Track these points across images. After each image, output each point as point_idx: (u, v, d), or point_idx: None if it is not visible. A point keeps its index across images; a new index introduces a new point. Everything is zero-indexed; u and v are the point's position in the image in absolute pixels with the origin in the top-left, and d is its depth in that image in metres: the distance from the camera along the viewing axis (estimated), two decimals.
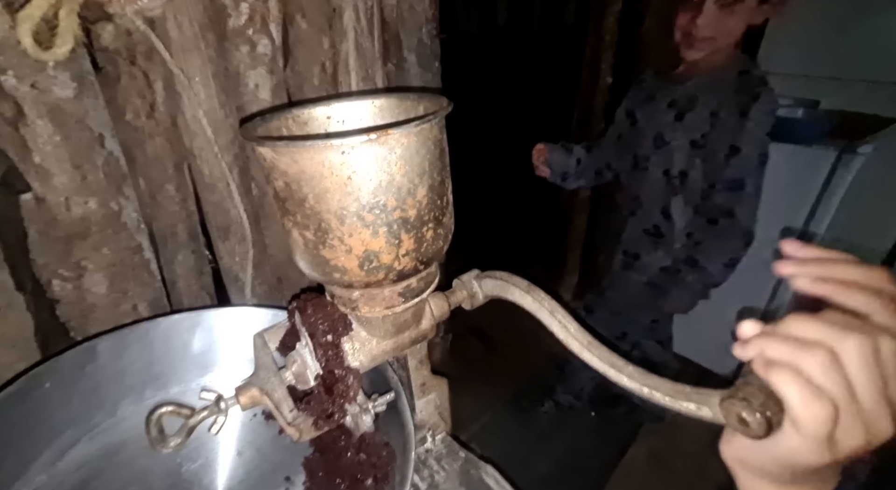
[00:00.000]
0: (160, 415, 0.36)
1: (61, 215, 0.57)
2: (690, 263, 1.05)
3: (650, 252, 1.15)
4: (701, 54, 0.94)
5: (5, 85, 0.49)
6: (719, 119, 0.93)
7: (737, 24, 0.90)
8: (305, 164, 0.31)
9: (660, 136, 1.03)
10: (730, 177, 0.94)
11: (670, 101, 1.02)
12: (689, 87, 0.99)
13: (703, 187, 0.99)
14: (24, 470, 0.41)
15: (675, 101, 1.01)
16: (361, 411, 0.40)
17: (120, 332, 0.50)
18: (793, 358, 0.24)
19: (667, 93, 1.03)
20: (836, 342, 0.23)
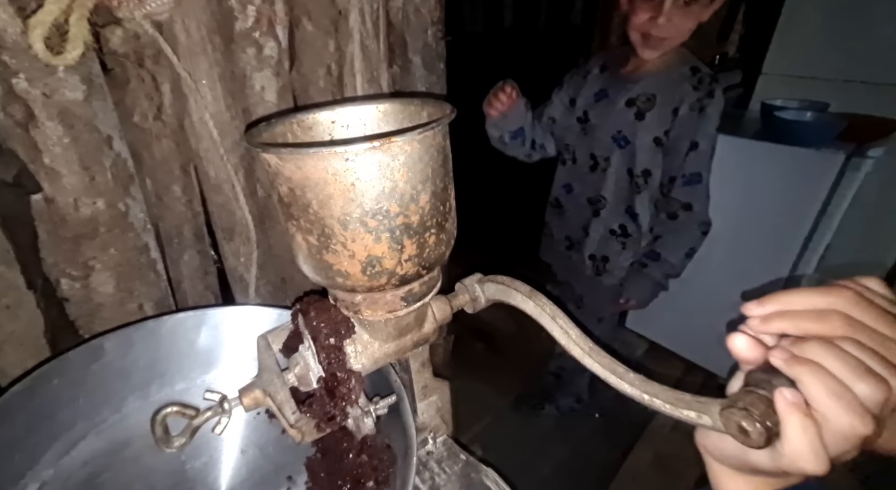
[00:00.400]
0: (165, 415, 0.37)
1: (70, 215, 0.58)
2: (653, 257, 1.09)
3: (619, 253, 1.14)
4: (657, 54, 0.96)
5: (17, 88, 0.50)
6: (679, 116, 0.96)
7: (692, 23, 0.92)
8: (309, 171, 0.31)
9: (621, 135, 1.03)
10: (689, 171, 0.99)
11: (628, 100, 1.02)
12: (645, 85, 1.00)
13: (663, 183, 1.03)
14: (33, 464, 0.42)
15: (634, 101, 1.01)
16: (363, 414, 0.40)
17: (126, 330, 0.51)
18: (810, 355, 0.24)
19: (621, 91, 1.03)
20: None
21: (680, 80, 0.97)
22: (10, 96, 0.50)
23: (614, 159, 1.06)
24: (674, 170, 1.00)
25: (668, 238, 1.06)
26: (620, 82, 1.04)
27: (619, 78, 1.05)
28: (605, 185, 1.09)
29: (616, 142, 1.04)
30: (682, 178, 0.99)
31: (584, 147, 1.11)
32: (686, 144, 0.97)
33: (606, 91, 1.06)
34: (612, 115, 1.04)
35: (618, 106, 1.03)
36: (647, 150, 1.01)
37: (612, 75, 1.07)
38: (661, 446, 1.45)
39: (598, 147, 1.08)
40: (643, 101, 1.00)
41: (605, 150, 1.07)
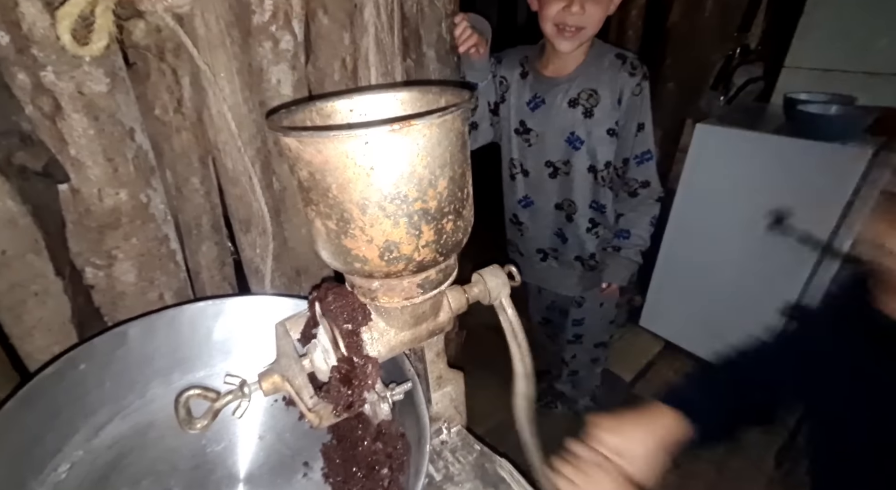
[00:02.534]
0: (188, 397, 0.38)
1: (94, 206, 0.59)
2: (623, 236, 1.11)
3: (597, 243, 1.15)
4: (575, 45, 0.95)
5: (45, 81, 0.52)
6: (624, 104, 0.98)
7: (602, 13, 0.93)
8: (329, 154, 0.31)
9: (574, 136, 1.02)
10: (640, 151, 1.03)
11: (570, 101, 1.00)
12: (581, 82, 0.99)
13: (616, 166, 1.05)
14: (63, 445, 0.44)
15: (576, 100, 1.00)
16: (379, 399, 0.40)
17: (149, 318, 0.52)
18: None
19: (557, 94, 1.01)
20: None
21: (614, 70, 0.98)
22: (38, 89, 0.51)
23: (575, 161, 1.04)
24: (626, 152, 1.03)
25: (632, 215, 1.09)
26: (552, 85, 1.02)
27: (548, 80, 1.02)
28: (572, 187, 1.08)
29: (570, 143, 1.03)
30: (636, 158, 1.03)
31: (534, 158, 1.09)
32: (634, 126, 1.00)
33: (541, 96, 1.03)
34: (556, 119, 1.02)
35: (560, 108, 1.01)
36: (604, 143, 1.02)
37: (537, 78, 1.04)
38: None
39: (551, 153, 1.06)
40: (586, 98, 0.99)
41: (561, 154, 1.05)
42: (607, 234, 1.14)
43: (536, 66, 1.04)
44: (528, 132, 1.07)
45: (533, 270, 1.25)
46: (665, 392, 0.56)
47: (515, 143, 1.10)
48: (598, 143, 1.02)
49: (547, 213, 1.14)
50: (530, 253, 1.23)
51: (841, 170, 1.25)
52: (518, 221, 1.20)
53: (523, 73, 1.05)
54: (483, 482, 0.50)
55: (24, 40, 0.49)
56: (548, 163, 1.07)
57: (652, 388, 1.64)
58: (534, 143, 1.07)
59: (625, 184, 1.07)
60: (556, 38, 0.95)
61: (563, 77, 1.00)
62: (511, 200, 1.19)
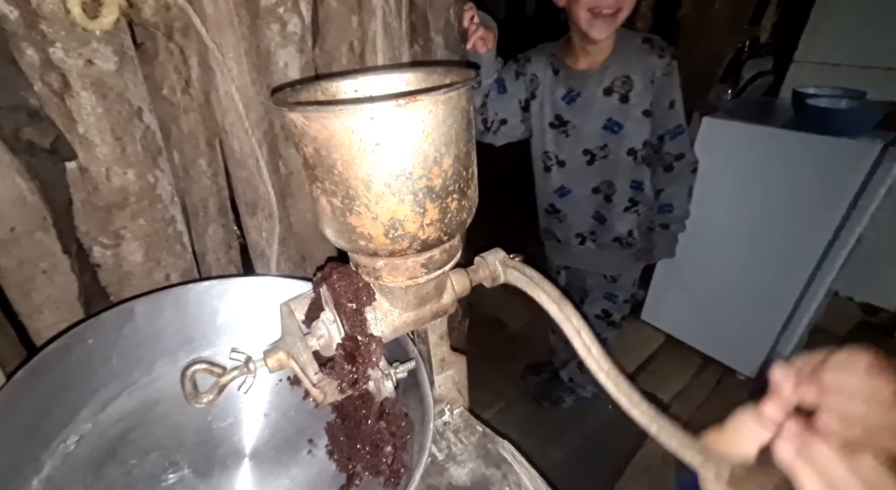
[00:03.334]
0: (194, 371, 0.38)
1: (102, 185, 0.60)
2: (667, 210, 1.14)
3: (637, 222, 1.18)
4: (610, 30, 0.96)
5: (53, 57, 0.52)
6: (656, 85, 1.01)
7: None
8: (335, 130, 0.31)
9: (612, 122, 1.05)
10: (672, 126, 1.05)
11: (604, 90, 1.03)
12: (614, 70, 1.01)
13: (652, 143, 1.08)
14: (72, 418, 0.45)
15: (610, 88, 1.03)
16: (384, 376, 0.41)
17: (155, 295, 0.52)
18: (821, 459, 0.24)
19: (591, 85, 1.03)
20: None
21: (643, 54, 1.00)
22: (47, 65, 0.52)
23: (612, 145, 1.08)
24: (660, 129, 1.06)
25: (671, 189, 1.12)
26: (585, 78, 1.04)
27: (580, 74, 1.04)
28: (611, 171, 1.11)
29: (609, 129, 1.06)
30: (669, 133, 1.06)
31: (570, 148, 1.11)
32: (666, 104, 1.03)
33: (576, 90, 1.06)
34: (594, 110, 1.05)
35: (596, 99, 1.04)
36: (640, 124, 1.05)
37: (569, 74, 1.06)
38: None
39: (588, 141, 1.09)
40: (620, 85, 1.02)
41: (599, 140, 1.08)
42: (646, 210, 1.16)
43: (566, 63, 1.06)
44: (564, 125, 1.10)
45: (570, 254, 1.28)
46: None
47: (550, 136, 1.12)
48: (635, 125, 1.05)
49: (584, 198, 1.16)
50: (568, 238, 1.25)
51: (849, 164, 1.24)
52: (555, 210, 1.22)
53: (554, 70, 1.08)
54: (485, 462, 0.50)
55: (33, 15, 0.49)
56: (585, 151, 1.10)
57: (653, 381, 1.65)
58: (571, 134, 1.10)
59: (660, 159, 1.09)
60: (590, 25, 0.95)
61: (595, 69, 1.03)
62: (546, 191, 1.21)
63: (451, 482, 0.50)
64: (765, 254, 1.43)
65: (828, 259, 1.36)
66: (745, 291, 1.51)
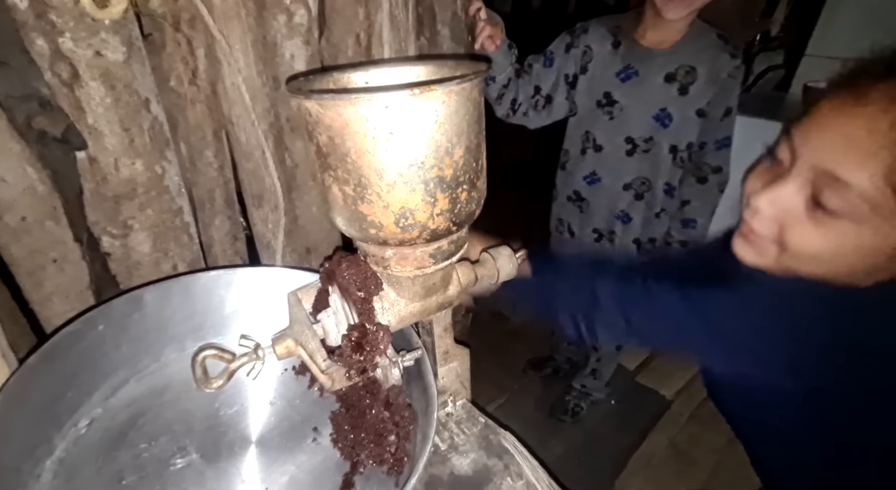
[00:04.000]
0: (205, 357, 0.39)
1: (111, 175, 0.60)
2: (690, 226, 1.08)
3: (662, 228, 1.11)
4: (686, 11, 0.90)
5: (63, 47, 0.52)
6: (720, 85, 0.95)
7: None
8: (349, 118, 0.31)
9: (665, 113, 0.98)
10: (722, 136, 0.99)
11: (666, 75, 0.95)
12: (681, 57, 0.94)
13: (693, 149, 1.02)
14: (83, 402, 0.46)
15: (673, 75, 0.95)
16: (391, 364, 0.41)
17: (164, 284, 0.53)
18: None
19: (653, 66, 0.96)
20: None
21: (716, 49, 0.93)
22: (56, 55, 0.52)
23: (659, 139, 1.00)
24: (707, 135, 0.99)
25: (698, 204, 1.05)
26: (648, 56, 0.96)
27: (644, 51, 0.97)
28: (650, 168, 1.03)
29: (659, 120, 0.98)
30: (716, 143, 0.99)
31: (613, 132, 1.03)
32: (722, 110, 0.97)
33: (634, 68, 0.97)
34: (648, 93, 0.97)
35: (654, 83, 0.96)
36: (691, 123, 0.98)
37: (631, 49, 0.98)
38: (676, 434, 1.44)
39: (634, 129, 1.01)
40: (683, 75, 0.94)
41: (645, 130, 1.00)
42: (668, 219, 1.10)
43: (632, 36, 0.98)
44: (612, 105, 1.01)
45: (582, 251, 1.21)
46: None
47: (597, 116, 1.04)
48: (685, 123, 0.98)
49: (614, 192, 1.09)
50: (584, 233, 1.17)
51: None
52: (579, 198, 1.14)
53: (615, 42, 1.00)
54: (487, 452, 0.51)
55: (42, 5, 0.49)
56: (628, 139, 1.02)
57: (655, 378, 1.65)
58: (616, 117, 1.02)
59: (696, 168, 1.03)
60: (665, 3, 0.89)
61: (663, 49, 0.96)
62: (574, 176, 1.13)
63: (453, 471, 0.50)
64: None
65: None
66: None
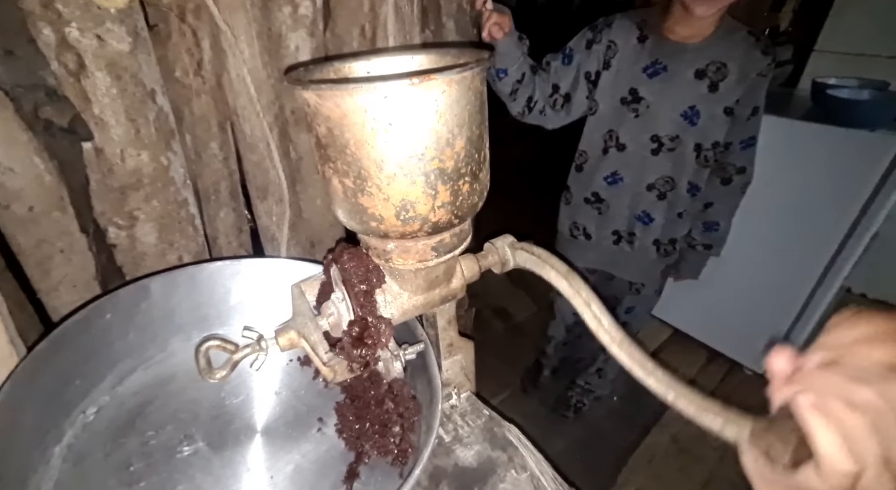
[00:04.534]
0: (208, 347, 0.39)
1: (117, 166, 0.60)
2: (713, 229, 1.06)
3: (682, 228, 1.08)
4: (714, 9, 0.87)
5: (69, 37, 0.52)
6: (750, 84, 0.93)
7: None
8: (348, 109, 0.31)
9: (694, 111, 0.94)
10: (748, 135, 0.97)
11: (696, 72, 0.92)
12: (712, 53, 0.91)
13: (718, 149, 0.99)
14: (91, 389, 0.47)
15: (704, 72, 0.92)
16: (393, 357, 0.41)
17: (170, 273, 0.54)
18: (837, 412, 0.23)
19: (682, 62, 0.92)
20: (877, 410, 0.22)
21: (747, 46, 0.90)
22: (63, 45, 0.52)
23: (685, 137, 0.96)
24: (734, 134, 0.97)
25: (721, 206, 1.04)
26: (677, 51, 0.92)
27: (673, 46, 0.93)
28: (676, 167, 0.99)
29: (686, 118, 0.95)
30: (741, 143, 0.98)
31: (639, 130, 0.99)
32: (750, 109, 0.94)
33: (662, 63, 0.93)
34: (677, 90, 0.93)
35: (684, 79, 0.93)
36: (718, 121, 0.94)
37: (659, 43, 0.94)
38: (679, 430, 1.44)
39: (661, 127, 0.97)
40: (714, 71, 0.91)
41: (672, 129, 0.96)
42: (689, 221, 1.08)
43: (660, 30, 0.95)
44: (637, 101, 0.97)
45: (599, 254, 1.15)
46: None
47: (619, 113, 1.00)
48: (714, 121, 0.95)
49: (636, 192, 1.05)
50: (602, 235, 1.13)
51: (868, 157, 1.21)
52: (598, 200, 1.10)
53: (641, 37, 0.96)
54: (491, 444, 0.51)
55: None
56: (654, 137, 0.98)
57: None
58: (641, 115, 0.98)
59: (721, 169, 1.00)
60: (693, 1, 0.86)
61: (693, 44, 0.92)
62: (594, 177, 1.08)
63: (457, 463, 0.51)
64: (777, 248, 1.41)
65: (842, 254, 1.34)
66: (755, 286, 1.49)
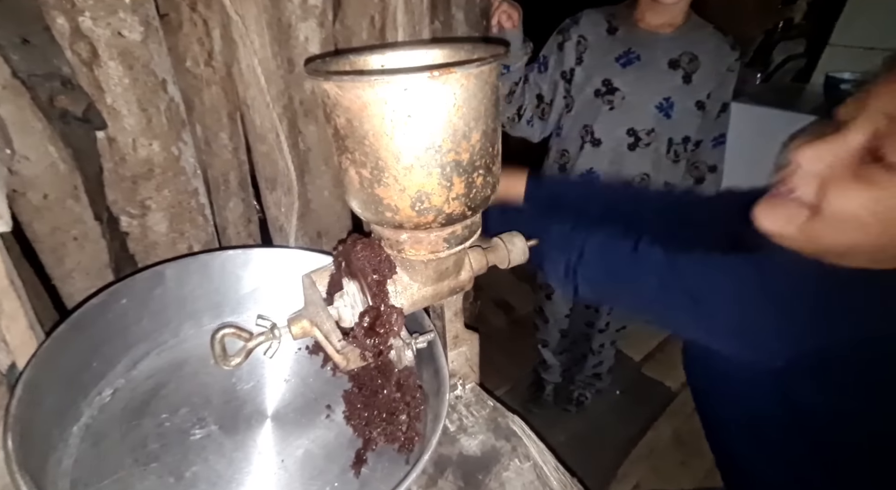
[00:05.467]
0: (223, 335, 0.40)
1: (129, 155, 0.61)
2: None
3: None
4: None
5: (82, 26, 0.52)
6: (719, 78, 0.92)
7: None
8: (368, 100, 0.32)
9: (668, 102, 0.92)
10: (718, 132, 0.97)
11: (670, 61, 0.91)
12: (684, 43, 0.90)
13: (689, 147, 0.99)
14: (107, 372, 0.48)
15: (677, 62, 0.90)
16: (404, 346, 0.42)
17: (184, 260, 0.55)
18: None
19: (656, 51, 0.91)
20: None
21: (717, 40, 0.91)
22: (76, 34, 0.52)
23: (660, 131, 0.95)
24: (703, 133, 0.96)
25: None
26: (650, 40, 0.91)
27: (645, 34, 0.92)
28: (652, 162, 0.98)
29: (663, 111, 0.93)
30: (712, 140, 0.97)
31: (613, 124, 0.97)
32: (719, 105, 0.94)
33: (635, 52, 0.92)
34: (651, 80, 0.92)
35: (658, 68, 0.91)
36: (689, 115, 0.94)
37: (631, 32, 0.93)
38: (681, 425, 1.45)
39: (637, 120, 0.95)
40: (687, 63, 0.90)
41: (648, 121, 0.95)
42: None
43: (629, 20, 0.94)
44: (612, 93, 0.95)
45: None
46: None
47: (593, 107, 0.98)
48: (686, 115, 0.94)
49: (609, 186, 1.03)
50: None
51: None
52: None
53: (610, 28, 0.95)
54: (495, 434, 0.52)
55: None
56: (630, 131, 0.96)
57: (661, 369, 1.66)
58: (617, 107, 0.96)
59: (693, 167, 1.00)
60: None
61: (665, 34, 0.91)
62: (570, 174, 1.07)
63: (461, 451, 0.52)
64: None
65: None
66: None
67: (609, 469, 1.36)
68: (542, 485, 0.48)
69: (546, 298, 1.33)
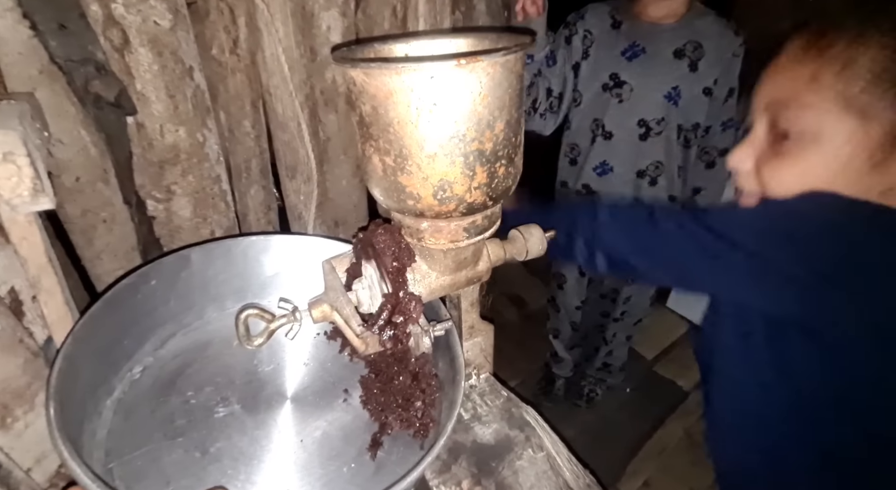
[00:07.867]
0: (247, 316, 0.41)
1: (156, 141, 0.63)
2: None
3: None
4: None
5: (115, 13, 0.54)
6: (725, 64, 0.93)
7: None
8: (394, 88, 0.32)
9: (676, 91, 0.94)
10: (727, 117, 0.97)
11: (675, 51, 0.92)
12: (688, 32, 0.92)
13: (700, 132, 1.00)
14: (137, 350, 0.50)
15: (682, 51, 0.92)
16: (422, 333, 0.43)
17: (208, 245, 0.56)
18: None
19: (661, 42, 0.93)
20: None
21: (720, 26, 0.92)
22: (109, 21, 0.54)
23: (669, 119, 0.97)
24: (712, 118, 0.97)
25: (708, 191, 1.04)
26: (654, 32, 0.93)
27: (649, 27, 0.93)
28: (663, 150, 1.00)
29: (671, 100, 0.95)
30: (722, 125, 0.98)
31: (624, 117, 0.99)
32: (726, 91, 0.95)
33: (640, 44, 0.93)
34: (658, 70, 0.94)
35: (664, 59, 0.93)
36: (699, 102, 0.95)
37: (635, 25, 0.94)
38: (692, 425, 1.44)
39: (646, 110, 0.97)
40: (692, 51, 0.91)
41: (657, 111, 0.96)
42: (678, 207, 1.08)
43: (632, 13, 0.96)
44: (620, 86, 0.97)
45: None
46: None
47: (602, 100, 1.00)
48: (694, 102, 0.95)
49: (626, 180, 1.05)
50: None
51: None
52: (590, 192, 1.10)
53: (615, 23, 0.97)
54: (509, 424, 0.53)
55: None
56: (640, 122, 0.98)
57: (674, 368, 1.64)
58: (626, 100, 0.98)
59: (704, 152, 1.01)
60: None
61: (669, 24, 0.93)
62: (584, 168, 1.08)
63: (476, 439, 0.52)
64: None
65: None
66: None
67: (618, 465, 1.36)
68: (554, 475, 0.49)
69: (558, 288, 1.33)
